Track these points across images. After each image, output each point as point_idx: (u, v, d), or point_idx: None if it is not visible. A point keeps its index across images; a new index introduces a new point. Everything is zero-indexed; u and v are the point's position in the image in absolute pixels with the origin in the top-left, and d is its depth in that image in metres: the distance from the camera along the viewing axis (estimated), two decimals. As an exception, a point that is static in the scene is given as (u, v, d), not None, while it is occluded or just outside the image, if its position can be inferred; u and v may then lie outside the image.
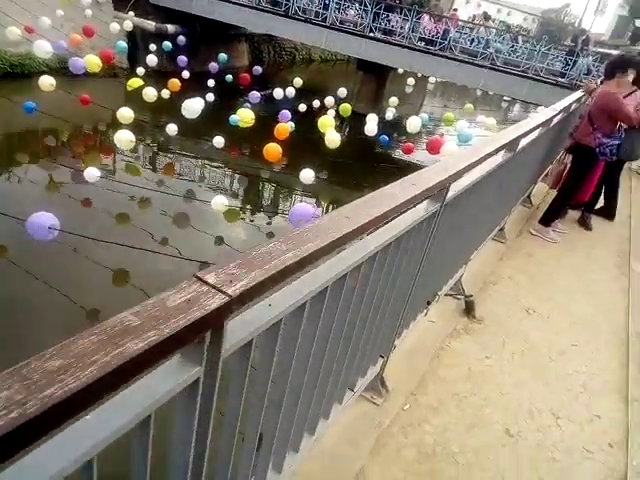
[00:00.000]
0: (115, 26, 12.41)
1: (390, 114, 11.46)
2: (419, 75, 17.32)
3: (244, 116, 8.59)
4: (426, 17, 14.03)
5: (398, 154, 13.15)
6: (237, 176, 10.65)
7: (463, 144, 9.01)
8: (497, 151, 2.08)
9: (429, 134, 15.77)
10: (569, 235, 4.39)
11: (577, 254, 4.11)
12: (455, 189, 1.69)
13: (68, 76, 9.64)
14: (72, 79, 10.28)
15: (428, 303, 2.39)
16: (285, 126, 7.98)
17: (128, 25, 13.15)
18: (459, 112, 14.25)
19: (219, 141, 7.90)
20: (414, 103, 22.86)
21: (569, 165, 4.37)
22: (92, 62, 9.30)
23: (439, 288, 2.53)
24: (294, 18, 14.10)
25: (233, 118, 8.29)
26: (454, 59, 13.18)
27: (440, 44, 13.41)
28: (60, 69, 10.89)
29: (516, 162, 2.79)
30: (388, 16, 13.67)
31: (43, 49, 9.11)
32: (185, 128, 10.82)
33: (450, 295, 2.88)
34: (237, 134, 10.32)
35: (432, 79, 20.86)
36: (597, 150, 3.89)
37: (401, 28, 13.79)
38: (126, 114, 7.68)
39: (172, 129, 7.69)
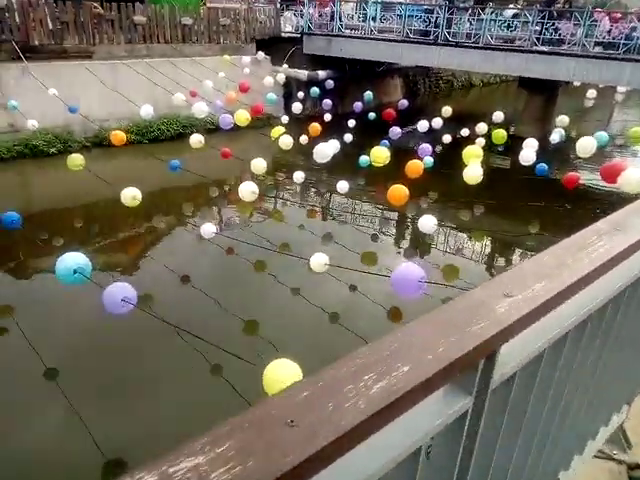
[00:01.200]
0: (269, 80, 13.24)
1: (557, 136, 9.65)
2: (600, 85, 14.65)
3: (377, 155, 8.02)
4: (605, 18, 11.76)
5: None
6: (348, 224, 9.58)
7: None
8: None
9: (614, 156, 13.08)
10: None
11: None
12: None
13: (224, 132, 10.56)
14: (227, 134, 11.25)
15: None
16: (417, 163, 7.15)
17: (281, 77, 13.96)
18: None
19: (342, 187, 7.45)
20: (601, 119, 19.55)
21: None
22: (241, 117, 9.92)
23: None
24: (444, 44, 13.23)
25: (362, 159, 7.82)
26: (645, 61, 10.67)
27: (624, 45, 11.02)
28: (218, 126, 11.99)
29: None
30: (554, 24, 11.83)
31: (200, 110, 10.07)
32: (316, 173, 10.87)
33: None
34: (372, 174, 9.90)
35: (621, 88, 17.49)
36: None
37: (572, 35, 11.80)
38: (259, 165, 7.83)
39: (299, 177, 7.53)
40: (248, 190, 6.07)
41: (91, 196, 9.17)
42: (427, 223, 5.13)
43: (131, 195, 6.22)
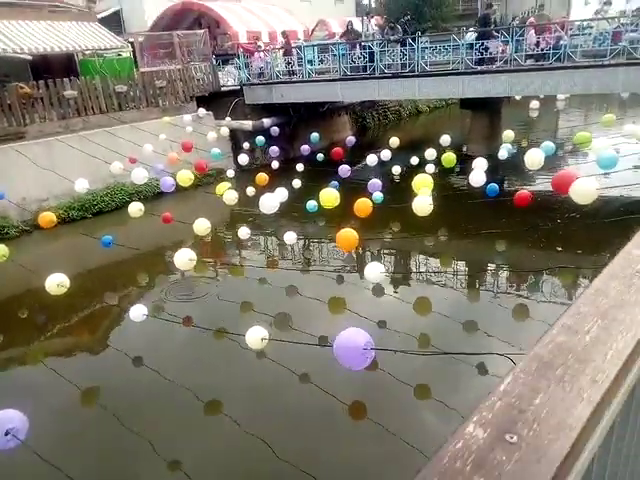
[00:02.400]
0: (212, 135, 12.97)
1: (504, 152, 9.54)
2: (541, 95, 14.96)
3: (326, 198, 7.68)
4: (531, 31, 12.05)
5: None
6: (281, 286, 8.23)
7: (606, 171, 6.78)
8: None
9: (565, 164, 13.16)
10: None
11: None
12: None
13: (174, 194, 10.13)
14: (177, 196, 10.84)
15: None
16: (365, 202, 6.80)
17: (224, 131, 13.73)
18: (597, 127, 11.57)
19: (290, 238, 7.02)
20: (548, 128, 20.01)
21: None
22: (183, 177, 9.48)
23: None
24: (381, 77, 13.31)
25: (309, 205, 7.46)
26: (575, 67, 10.83)
27: (554, 55, 11.22)
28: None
29: None
30: (483, 44, 12.03)
31: (138, 176, 9.63)
32: (265, 223, 10.47)
33: None
34: (323, 216, 9.59)
35: (560, 96, 17.98)
36: None
37: (502, 52, 12.01)
38: (201, 226, 7.36)
39: (244, 233, 7.08)
40: (184, 259, 5.56)
41: (18, 287, 8.49)
42: (373, 272, 4.68)
43: (56, 282, 5.62)
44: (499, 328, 6.52)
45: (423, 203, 6.14)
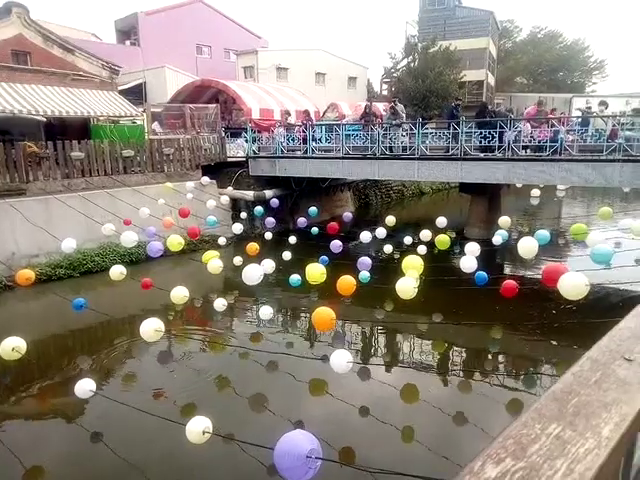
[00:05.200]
0: (211, 203, 13.08)
1: (499, 238, 9.39)
2: (541, 185, 15.15)
3: (312, 273, 7.45)
4: (527, 123, 12.39)
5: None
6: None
7: (601, 265, 6.53)
8: None
9: (563, 255, 12.99)
10: None
11: None
12: None
13: (166, 258, 9.97)
14: (170, 260, 10.67)
15: None
16: (348, 280, 6.55)
17: (225, 199, 13.87)
18: (594, 218, 11.51)
19: (265, 312, 6.71)
20: (550, 216, 20.13)
21: None
22: (173, 242, 9.38)
23: None
24: (382, 158, 13.60)
25: (292, 279, 7.23)
26: (571, 160, 10.98)
27: (551, 148, 11.43)
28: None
29: None
30: (482, 133, 12.34)
31: (128, 239, 9.54)
32: (245, 293, 10.17)
33: None
34: (311, 290, 9.30)
35: (561, 185, 18.25)
36: None
37: (500, 141, 12.27)
38: (178, 294, 7.11)
39: (219, 304, 6.79)
40: (150, 329, 5.24)
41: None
42: (340, 362, 4.30)
43: (11, 346, 5.28)
44: (490, 422, 5.98)
45: (407, 286, 5.87)
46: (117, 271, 8.11)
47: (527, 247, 7.32)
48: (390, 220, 11.95)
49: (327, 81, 33.82)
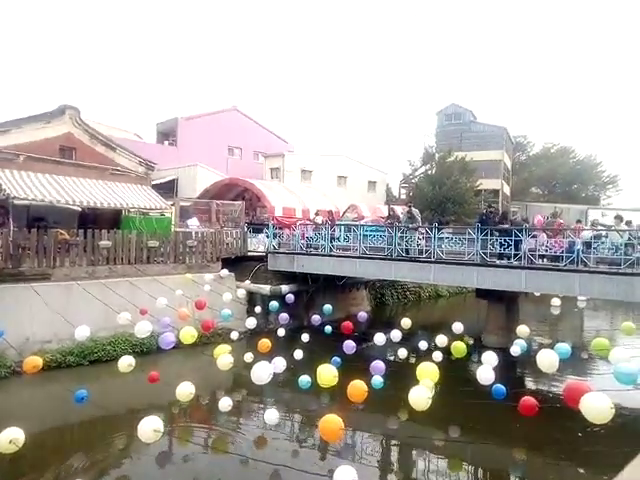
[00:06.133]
0: (228, 296, 13.18)
1: (517, 348, 9.10)
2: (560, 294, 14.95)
3: (323, 375, 7.23)
4: (542, 234, 12.59)
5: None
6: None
7: (626, 385, 6.20)
8: None
9: (583, 372, 12.43)
10: None
11: None
12: None
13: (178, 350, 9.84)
14: (181, 352, 10.49)
15: None
16: (359, 386, 6.31)
17: (241, 293, 14.00)
18: (618, 332, 11.14)
19: (271, 417, 6.45)
20: (572, 327, 19.58)
21: None
22: (187, 335, 9.34)
23: None
24: (398, 260, 13.78)
25: (302, 380, 7.02)
26: (590, 272, 10.94)
27: (567, 258, 11.47)
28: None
29: None
30: (498, 240, 12.53)
31: (142, 329, 9.55)
32: (254, 392, 9.79)
33: None
34: (316, 394, 8.95)
35: (581, 297, 17.97)
36: None
37: (516, 249, 12.39)
38: (184, 391, 6.93)
39: (225, 404, 6.57)
40: (148, 429, 5.05)
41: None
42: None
43: (8, 438, 5.12)
44: None
45: (421, 396, 5.63)
46: (125, 362, 8.00)
47: (547, 361, 7.03)
48: (406, 323, 11.76)
49: (348, 184, 35.50)
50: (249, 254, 17.21)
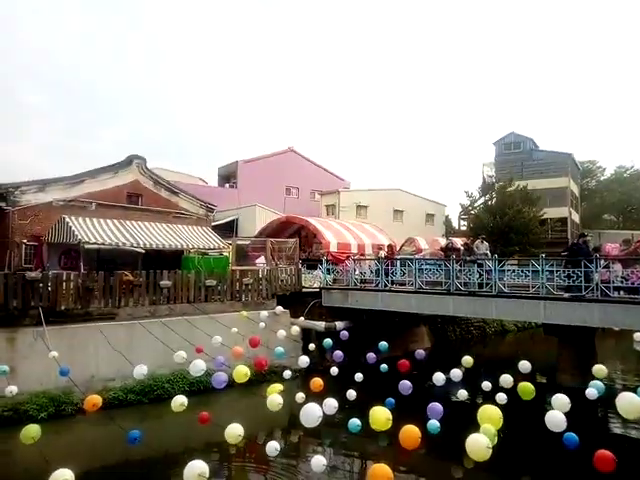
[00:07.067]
0: (282, 333, 13.14)
1: (594, 391, 8.20)
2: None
3: (376, 418, 6.84)
4: (618, 264, 11.58)
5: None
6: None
7: None
8: None
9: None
10: None
11: None
12: None
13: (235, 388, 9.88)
14: (236, 391, 10.48)
15: None
16: (412, 431, 5.86)
17: (295, 329, 13.89)
18: None
19: (317, 464, 6.12)
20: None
21: None
22: (240, 373, 9.30)
23: None
24: (456, 294, 13.18)
25: (352, 423, 6.67)
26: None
27: (646, 289, 10.43)
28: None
29: None
30: (565, 272, 11.67)
31: (197, 368, 9.67)
32: (308, 433, 9.42)
33: None
34: (371, 437, 8.48)
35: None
36: None
37: (587, 281, 11.46)
38: (233, 432, 6.81)
39: (272, 449, 6.35)
40: (193, 473, 4.95)
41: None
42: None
43: (61, 479, 5.22)
44: None
45: (479, 444, 5.12)
46: (178, 402, 8.04)
47: (629, 405, 6.24)
48: (467, 361, 11.04)
49: (405, 217, 35.09)
50: (304, 290, 17.21)
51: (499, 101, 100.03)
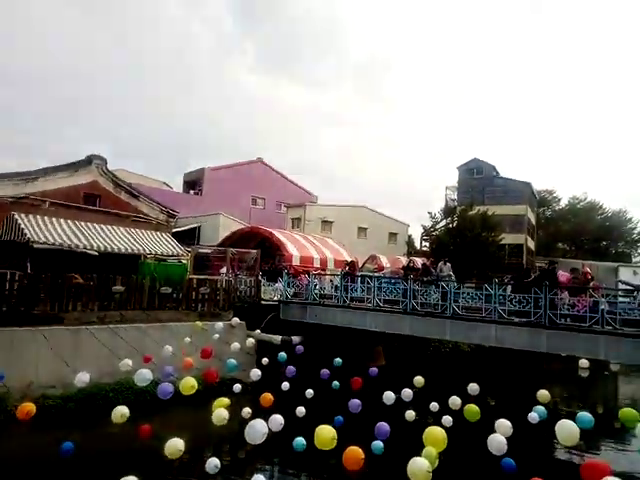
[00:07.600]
0: (236, 345, 12.91)
1: (536, 415, 8.41)
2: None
3: (321, 437, 6.78)
4: (565, 292, 12.02)
5: None
6: None
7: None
8: None
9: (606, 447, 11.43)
10: None
11: None
12: None
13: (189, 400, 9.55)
14: (184, 401, 10.15)
15: None
16: (355, 452, 5.86)
17: (250, 342, 13.68)
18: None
19: (259, 482, 6.00)
20: (606, 391, 18.32)
21: None
22: (187, 385, 9.05)
23: None
24: (412, 314, 13.34)
25: (297, 442, 6.59)
26: (615, 334, 10.28)
27: (591, 318, 10.85)
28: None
29: None
30: (516, 297, 12.01)
31: (143, 378, 9.30)
32: (252, 450, 9.20)
33: None
34: (316, 457, 8.37)
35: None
36: None
37: (536, 307, 11.82)
38: (173, 447, 6.58)
39: (212, 466, 6.19)
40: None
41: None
42: None
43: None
44: None
45: (420, 468, 5.15)
46: (119, 413, 7.72)
47: (566, 432, 6.42)
48: (419, 381, 11.16)
49: (369, 235, 35.46)
50: (263, 303, 17.01)
51: (464, 127, 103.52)
